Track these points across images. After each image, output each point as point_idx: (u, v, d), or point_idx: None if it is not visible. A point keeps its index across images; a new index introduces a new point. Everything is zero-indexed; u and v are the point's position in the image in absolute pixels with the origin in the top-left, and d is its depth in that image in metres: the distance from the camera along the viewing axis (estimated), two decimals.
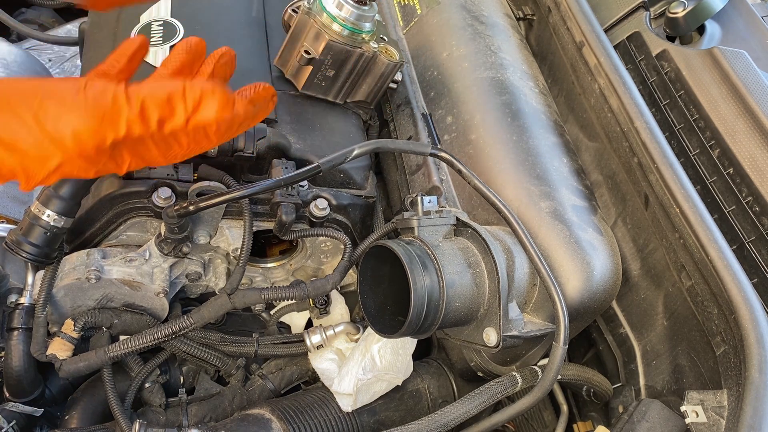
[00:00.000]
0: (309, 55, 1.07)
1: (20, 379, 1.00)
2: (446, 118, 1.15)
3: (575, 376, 1.05)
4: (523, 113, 1.10)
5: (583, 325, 1.09)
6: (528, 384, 0.95)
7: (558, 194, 1.00)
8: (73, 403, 1.02)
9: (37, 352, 0.95)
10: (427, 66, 1.25)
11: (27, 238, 0.83)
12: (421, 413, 1.01)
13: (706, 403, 0.82)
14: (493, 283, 0.85)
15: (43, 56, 1.61)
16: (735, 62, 1.07)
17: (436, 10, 1.31)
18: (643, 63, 1.18)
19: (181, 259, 1.05)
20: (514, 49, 1.24)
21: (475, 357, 1.10)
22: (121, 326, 1.03)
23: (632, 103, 1.01)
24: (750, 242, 0.94)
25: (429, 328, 0.85)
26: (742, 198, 0.96)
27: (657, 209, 0.96)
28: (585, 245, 0.95)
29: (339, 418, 1.02)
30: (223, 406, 1.07)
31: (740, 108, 1.02)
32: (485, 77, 1.15)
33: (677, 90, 1.10)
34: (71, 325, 0.98)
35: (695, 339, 0.92)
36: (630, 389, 1.04)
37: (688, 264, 0.91)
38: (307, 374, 1.14)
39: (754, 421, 0.74)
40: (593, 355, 1.20)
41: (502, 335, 0.84)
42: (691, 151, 1.05)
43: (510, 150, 1.05)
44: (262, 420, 0.98)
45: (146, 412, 1.03)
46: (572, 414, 1.19)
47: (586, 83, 1.12)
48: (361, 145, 0.90)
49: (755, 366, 0.77)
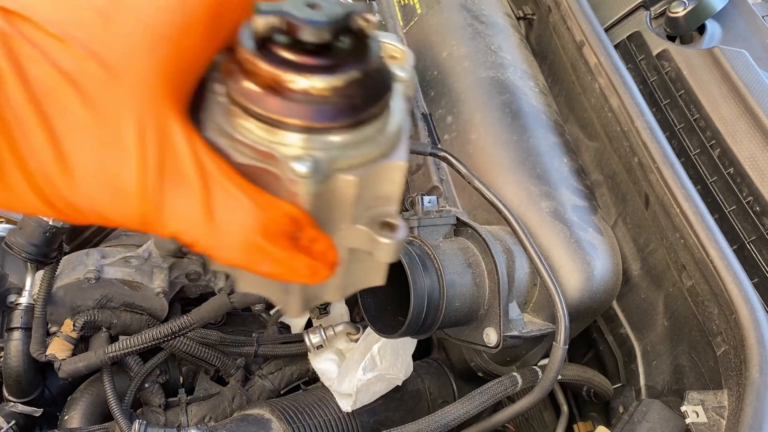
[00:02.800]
0: None
1: (19, 379, 1.00)
2: (446, 117, 1.15)
3: (575, 377, 1.04)
4: (523, 113, 1.10)
5: (583, 326, 1.09)
6: (528, 384, 0.95)
7: (558, 194, 1.00)
8: (73, 403, 1.02)
9: (37, 352, 0.95)
10: (427, 65, 1.25)
11: (27, 238, 0.83)
12: (421, 413, 1.01)
13: (707, 404, 0.82)
14: (494, 283, 0.85)
15: None
16: (736, 62, 1.06)
17: (436, 9, 1.31)
18: (643, 62, 1.18)
19: (181, 259, 1.05)
20: (515, 49, 1.24)
21: (475, 357, 1.10)
22: (121, 326, 1.03)
23: (633, 103, 1.01)
24: (750, 242, 0.94)
25: (429, 328, 0.85)
26: (742, 198, 0.96)
27: (657, 209, 0.96)
28: (585, 245, 0.95)
29: (339, 419, 1.02)
30: (222, 406, 1.07)
31: (741, 108, 1.02)
32: (485, 77, 1.15)
33: (678, 90, 1.10)
34: (70, 325, 0.98)
35: (696, 339, 0.92)
36: (630, 389, 1.04)
37: (688, 264, 0.91)
38: (307, 374, 1.14)
39: (754, 422, 0.74)
40: (593, 356, 1.20)
41: (502, 335, 0.84)
42: (692, 150, 1.05)
43: (510, 150, 1.04)
44: (261, 420, 0.98)
45: (146, 412, 1.03)
46: (572, 414, 1.19)
47: (587, 83, 1.12)
48: None
49: (756, 366, 0.76)
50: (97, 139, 0.32)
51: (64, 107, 0.31)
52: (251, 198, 0.34)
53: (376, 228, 0.38)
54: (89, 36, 0.32)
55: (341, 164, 0.34)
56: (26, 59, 0.31)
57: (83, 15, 0.32)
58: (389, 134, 0.37)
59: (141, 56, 0.32)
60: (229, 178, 0.34)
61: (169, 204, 0.33)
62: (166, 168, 0.33)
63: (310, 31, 0.32)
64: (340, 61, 0.33)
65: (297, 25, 0.32)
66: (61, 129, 0.31)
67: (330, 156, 0.34)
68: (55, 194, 0.32)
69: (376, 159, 0.36)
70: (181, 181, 0.33)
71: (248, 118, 0.34)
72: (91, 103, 0.31)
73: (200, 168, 0.33)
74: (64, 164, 0.32)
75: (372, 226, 0.38)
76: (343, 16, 0.33)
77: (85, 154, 0.32)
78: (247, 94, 0.33)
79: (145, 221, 0.34)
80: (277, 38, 0.33)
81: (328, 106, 0.33)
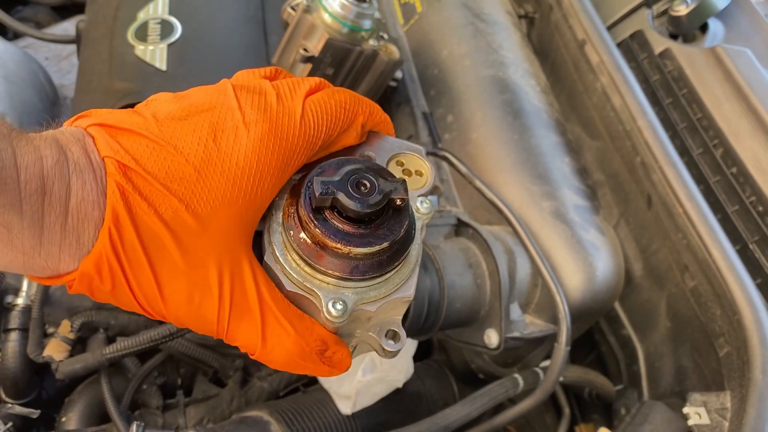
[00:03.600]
0: (308, 53, 1.06)
1: (16, 381, 0.99)
2: (447, 116, 1.14)
3: (577, 378, 1.04)
4: (524, 112, 1.09)
5: (585, 327, 1.08)
6: (529, 386, 0.94)
7: (560, 194, 0.99)
8: (70, 405, 1.02)
9: (34, 353, 0.95)
10: (427, 64, 1.24)
11: None
12: (422, 415, 1.00)
13: (709, 405, 0.81)
14: (495, 284, 0.85)
15: (39, 55, 1.59)
16: (738, 61, 1.06)
17: (437, 7, 1.30)
18: (645, 61, 1.17)
19: None
20: (516, 47, 1.24)
21: (476, 359, 1.09)
22: (118, 327, 1.02)
23: (635, 102, 1.00)
24: (753, 242, 0.93)
25: (430, 329, 0.84)
26: (745, 198, 0.96)
27: (660, 209, 0.95)
28: (587, 245, 0.94)
29: (338, 421, 1.01)
30: (221, 407, 1.06)
31: (744, 107, 1.01)
32: (486, 75, 1.14)
33: (680, 89, 1.10)
34: (68, 326, 0.97)
35: (698, 340, 0.92)
36: (633, 391, 1.03)
37: (691, 264, 0.90)
38: (306, 376, 1.13)
39: (757, 423, 0.73)
40: (595, 357, 1.19)
41: (504, 336, 0.83)
42: (694, 150, 1.04)
43: (511, 149, 1.04)
44: (260, 422, 0.97)
45: (143, 413, 1.03)
46: (574, 416, 1.19)
47: (589, 82, 1.11)
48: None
49: (759, 367, 0.76)
50: (187, 280, 0.42)
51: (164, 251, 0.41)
52: (294, 327, 0.45)
53: (382, 336, 0.50)
54: (185, 189, 0.41)
55: (364, 301, 0.46)
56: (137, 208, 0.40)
57: (182, 170, 0.41)
58: (404, 275, 0.48)
59: (225, 209, 0.42)
60: (280, 308, 0.45)
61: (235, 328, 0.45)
62: (235, 304, 0.44)
63: (354, 212, 0.42)
64: (376, 232, 0.44)
65: (345, 206, 0.42)
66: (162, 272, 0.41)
67: (357, 297, 0.45)
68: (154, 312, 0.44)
69: (390, 294, 0.47)
70: (247, 314, 0.44)
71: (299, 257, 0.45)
72: (185, 251, 0.41)
73: (261, 300, 0.44)
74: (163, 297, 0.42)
75: (380, 335, 0.50)
76: (381, 200, 0.43)
77: (179, 293, 0.42)
78: (301, 244, 0.44)
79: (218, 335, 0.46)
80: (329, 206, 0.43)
81: (361, 265, 0.44)
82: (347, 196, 0.42)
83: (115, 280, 0.41)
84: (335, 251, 0.43)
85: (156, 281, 0.41)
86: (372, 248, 0.43)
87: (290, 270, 0.45)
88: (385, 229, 0.44)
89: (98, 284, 0.41)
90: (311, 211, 0.43)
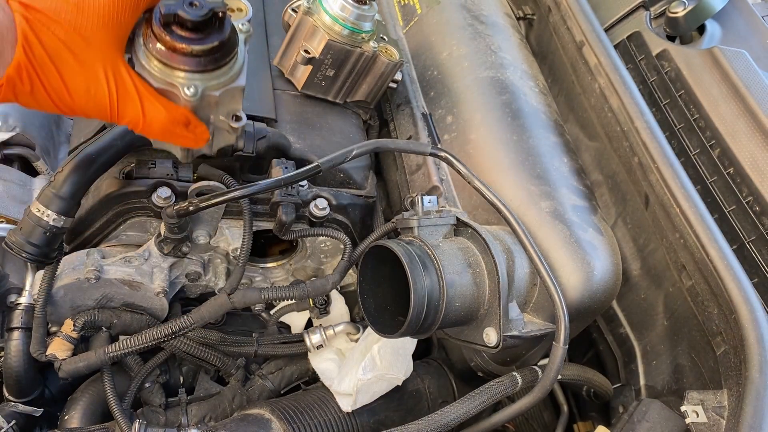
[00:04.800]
0: (309, 55, 1.07)
1: (20, 379, 1.00)
2: (446, 117, 1.15)
3: (575, 376, 1.05)
4: (523, 113, 1.10)
5: (583, 325, 1.09)
6: (528, 384, 0.95)
7: (558, 194, 1.00)
8: (73, 403, 1.02)
9: (37, 352, 0.95)
10: (427, 65, 1.25)
11: (27, 238, 0.83)
12: (421, 413, 1.01)
13: (707, 403, 0.82)
14: (493, 283, 0.85)
15: None
16: (735, 62, 1.07)
17: (436, 9, 1.31)
18: (643, 62, 1.18)
19: (181, 259, 1.05)
20: (515, 49, 1.24)
21: (475, 357, 1.10)
22: (121, 326, 1.03)
23: (632, 103, 1.01)
24: (750, 242, 0.94)
25: (429, 328, 0.85)
26: (742, 198, 0.96)
27: (657, 209, 0.96)
28: (585, 245, 0.95)
29: (339, 418, 1.02)
30: (222, 406, 1.07)
31: (740, 108, 1.02)
32: (485, 77, 1.15)
33: (677, 90, 1.10)
34: (71, 325, 0.98)
35: (695, 339, 0.92)
36: (630, 389, 1.04)
37: (688, 264, 0.91)
38: (307, 374, 1.14)
39: (754, 421, 0.74)
40: (593, 355, 1.20)
41: (502, 335, 0.84)
42: (692, 150, 1.05)
43: (510, 149, 1.04)
44: (261, 420, 0.98)
45: (146, 412, 1.03)
46: (572, 414, 1.19)
47: (587, 83, 1.12)
48: (360, 145, 0.90)
49: (755, 366, 0.77)
50: (84, 78, 0.62)
51: (65, 61, 0.60)
52: (164, 105, 0.66)
53: (230, 118, 0.73)
54: (71, 19, 0.60)
55: (209, 88, 0.67)
56: (42, 33, 0.59)
57: (67, 6, 0.60)
58: (236, 70, 0.69)
59: (100, 29, 0.61)
60: (153, 94, 0.66)
61: (123, 109, 0.65)
62: (120, 91, 0.64)
63: (190, 21, 0.62)
64: (208, 35, 0.64)
65: (183, 17, 0.62)
66: (65, 73, 0.61)
67: (204, 84, 0.66)
68: (64, 105, 0.63)
69: (228, 84, 0.68)
70: (129, 97, 0.64)
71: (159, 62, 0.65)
72: (79, 59, 0.61)
73: (137, 90, 0.65)
74: (68, 91, 0.62)
75: (228, 117, 0.73)
76: (207, 12, 0.62)
77: (79, 87, 0.62)
78: (158, 51, 0.64)
79: (112, 118, 0.65)
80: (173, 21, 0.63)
81: (202, 59, 0.65)
82: (184, 11, 0.62)
83: (32, 81, 0.59)
84: (182, 51, 0.63)
85: (62, 79, 0.60)
86: (207, 45, 0.64)
87: (155, 72, 0.65)
88: (214, 33, 0.64)
89: (20, 87, 0.59)
90: (162, 26, 0.63)
